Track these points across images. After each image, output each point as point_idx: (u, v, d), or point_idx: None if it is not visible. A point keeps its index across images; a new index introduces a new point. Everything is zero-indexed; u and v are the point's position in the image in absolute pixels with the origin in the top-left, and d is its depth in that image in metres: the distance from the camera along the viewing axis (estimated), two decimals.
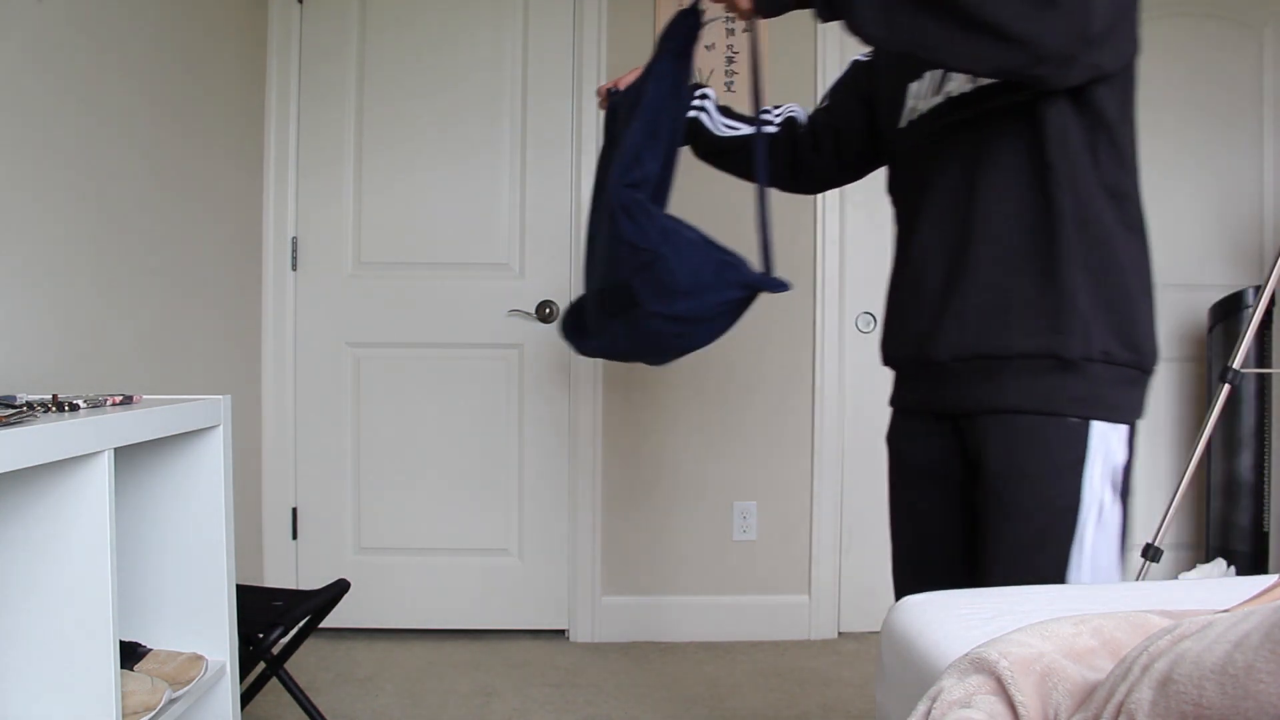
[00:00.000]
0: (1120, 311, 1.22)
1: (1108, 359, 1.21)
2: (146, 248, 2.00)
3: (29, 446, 0.98)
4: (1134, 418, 1.26)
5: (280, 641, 1.80)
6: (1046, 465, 1.24)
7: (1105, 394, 1.23)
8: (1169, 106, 2.96)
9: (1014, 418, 1.26)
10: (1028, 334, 1.22)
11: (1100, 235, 1.21)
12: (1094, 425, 1.22)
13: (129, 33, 1.90)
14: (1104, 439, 1.22)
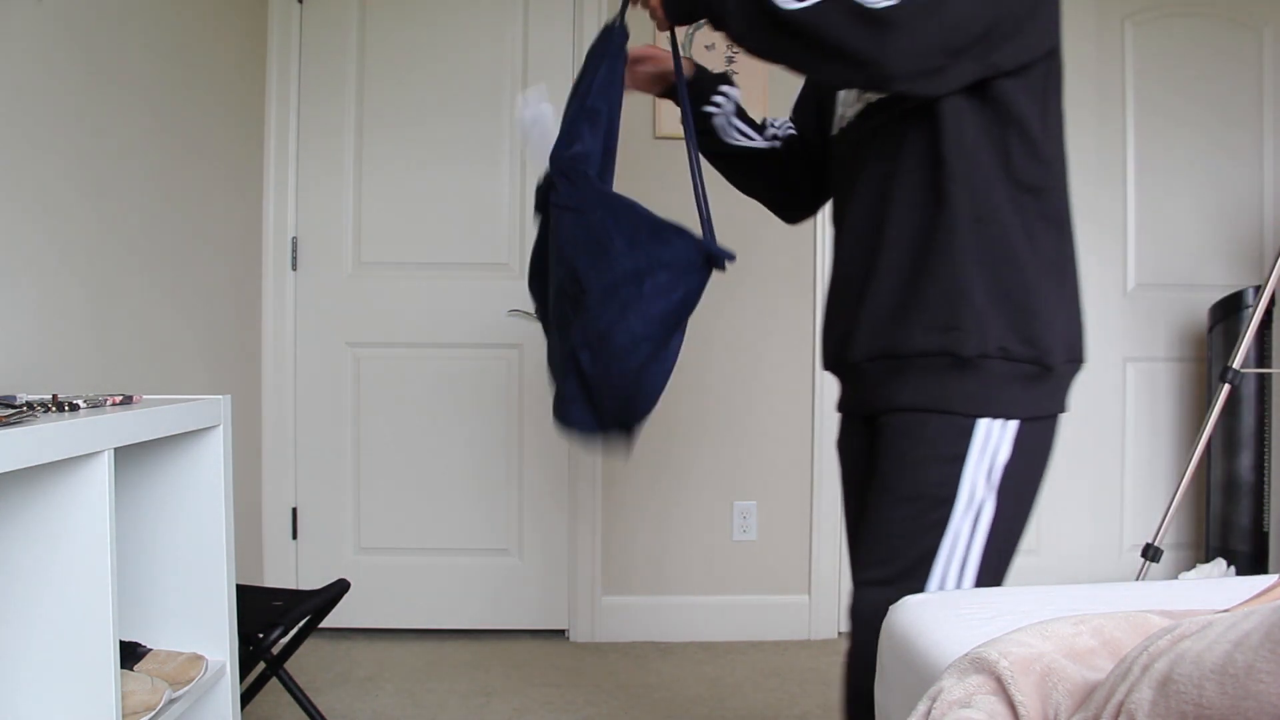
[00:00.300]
0: (1020, 307, 1.20)
1: (1004, 355, 1.20)
2: (146, 248, 2.00)
3: (29, 446, 0.98)
4: (1029, 414, 1.24)
5: (280, 641, 1.80)
6: (928, 456, 1.24)
7: (998, 391, 1.22)
8: (1169, 106, 2.97)
9: (909, 415, 1.26)
10: (926, 333, 1.22)
11: (999, 231, 1.20)
12: (979, 422, 1.22)
13: (128, 33, 1.90)
14: (988, 435, 1.22)
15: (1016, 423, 1.23)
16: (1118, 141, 2.97)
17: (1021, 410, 1.23)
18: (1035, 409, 1.25)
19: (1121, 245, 2.98)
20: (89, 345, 1.77)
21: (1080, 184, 3.19)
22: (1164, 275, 2.99)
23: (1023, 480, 1.26)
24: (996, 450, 1.22)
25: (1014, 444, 1.23)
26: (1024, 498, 1.28)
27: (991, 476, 1.23)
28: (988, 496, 1.23)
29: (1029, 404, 1.24)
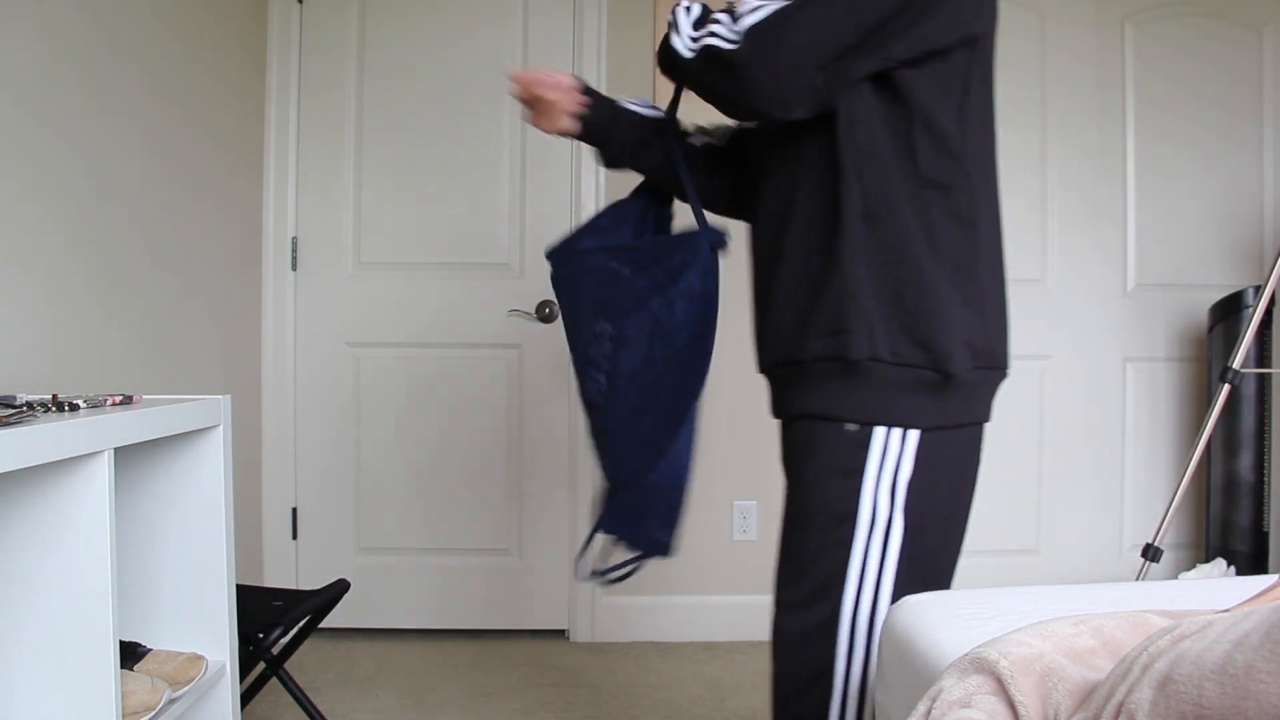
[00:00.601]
0: (914, 309, 1.14)
1: (896, 360, 1.14)
2: (147, 248, 2.00)
3: (29, 446, 0.98)
4: (927, 423, 1.17)
5: (280, 641, 1.80)
6: (824, 467, 1.19)
7: (891, 398, 1.16)
8: (1169, 106, 2.97)
9: (806, 423, 1.23)
10: (818, 337, 1.17)
11: (894, 229, 1.15)
12: (876, 431, 1.16)
13: (128, 33, 1.90)
14: (886, 447, 1.16)
15: (917, 433, 1.16)
16: (1118, 141, 2.97)
17: (920, 419, 1.16)
18: (939, 418, 1.18)
19: (1121, 245, 2.98)
20: (89, 345, 1.77)
21: (1080, 184, 3.20)
22: (1164, 275, 2.99)
23: (935, 495, 1.19)
24: (898, 463, 1.16)
25: (916, 457, 1.16)
26: (941, 514, 1.21)
27: (896, 492, 1.17)
28: (894, 514, 1.17)
29: (931, 413, 1.17)
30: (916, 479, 1.17)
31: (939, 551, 1.23)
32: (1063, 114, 2.93)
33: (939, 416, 1.18)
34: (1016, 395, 2.95)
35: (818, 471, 1.21)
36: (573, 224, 2.78)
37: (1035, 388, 2.95)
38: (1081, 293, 2.96)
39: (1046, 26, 2.93)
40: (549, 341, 2.79)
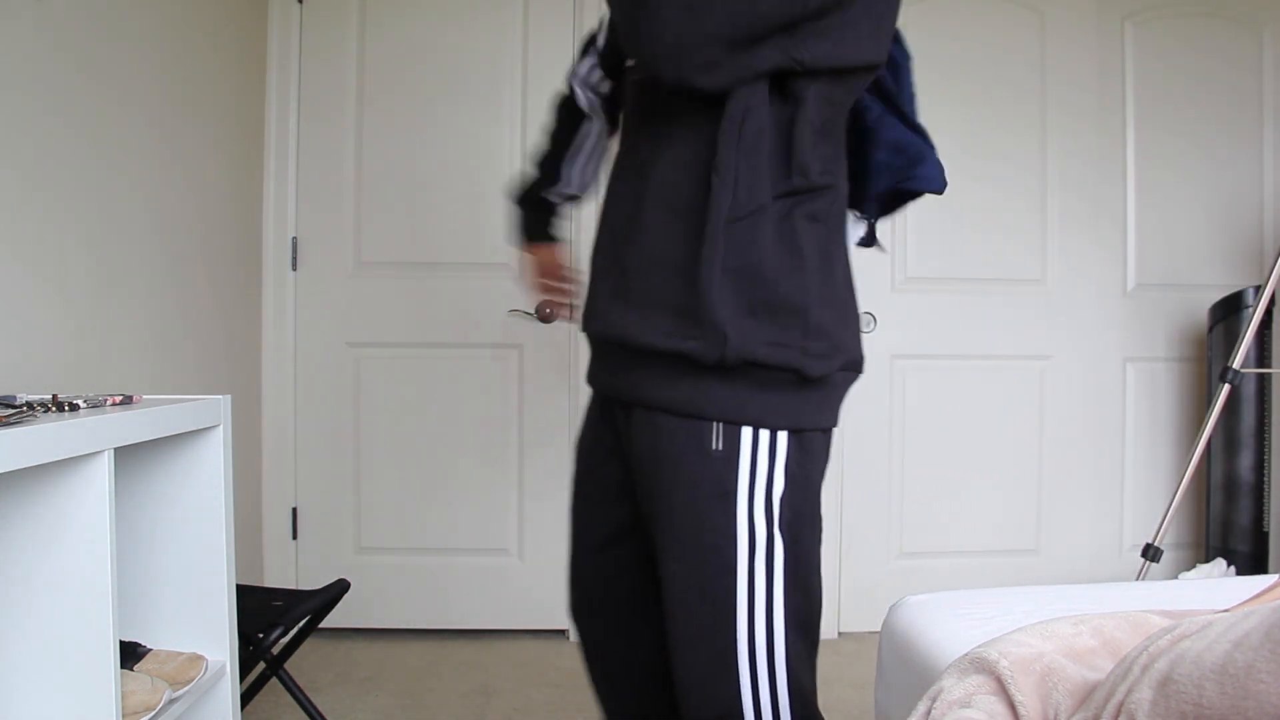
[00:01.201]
0: (777, 310, 1.10)
1: (759, 361, 1.09)
2: (146, 247, 2.00)
3: (29, 446, 0.98)
4: (793, 425, 1.13)
5: (280, 641, 1.80)
6: (693, 488, 1.13)
7: (755, 399, 1.11)
8: (1169, 106, 2.97)
9: (659, 418, 1.15)
10: (677, 328, 1.10)
11: (760, 228, 1.09)
12: (744, 430, 1.11)
13: (128, 33, 1.90)
14: (754, 450, 1.11)
15: (785, 435, 1.12)
16: (1118, 141, 2.97)
17: (787, 421, 1.12)
18: (803, 420, 1.14)
19: (1122, 245, 2.98)
20: (89, 345, 1.77)
21: (1080, 184, 3.19)
22: (1164, 275, 2.99)
23: (803, 500, 1.17)
24: (770, 468, 1.12)
25: (786, 459, 1.13)
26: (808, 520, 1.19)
27: (770, 508, 1.13)
28: (770, 531, 1.13)
29: (796, 414, 1.13)
30: (788, 483, 1.13)
31: (812, 560, 1.22)
32: (1063, 114, 2.93)
33: (803, 418, 1.14)
34: (1016, 395, 2.96)
35: (687, 491, 1.13)
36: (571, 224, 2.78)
37: (1035, 388, 2.96)
38: (1081, 293, 2.96)
39: (1046, 26, 2.93)
40: (549, 341, 2.79)
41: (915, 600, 1.42)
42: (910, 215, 2.91)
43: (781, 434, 1.12)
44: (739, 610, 1.12)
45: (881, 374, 2.91)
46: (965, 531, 2.94)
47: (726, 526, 1.11)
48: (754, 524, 1.12)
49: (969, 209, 2.90)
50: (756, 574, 1.13)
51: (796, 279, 1.11)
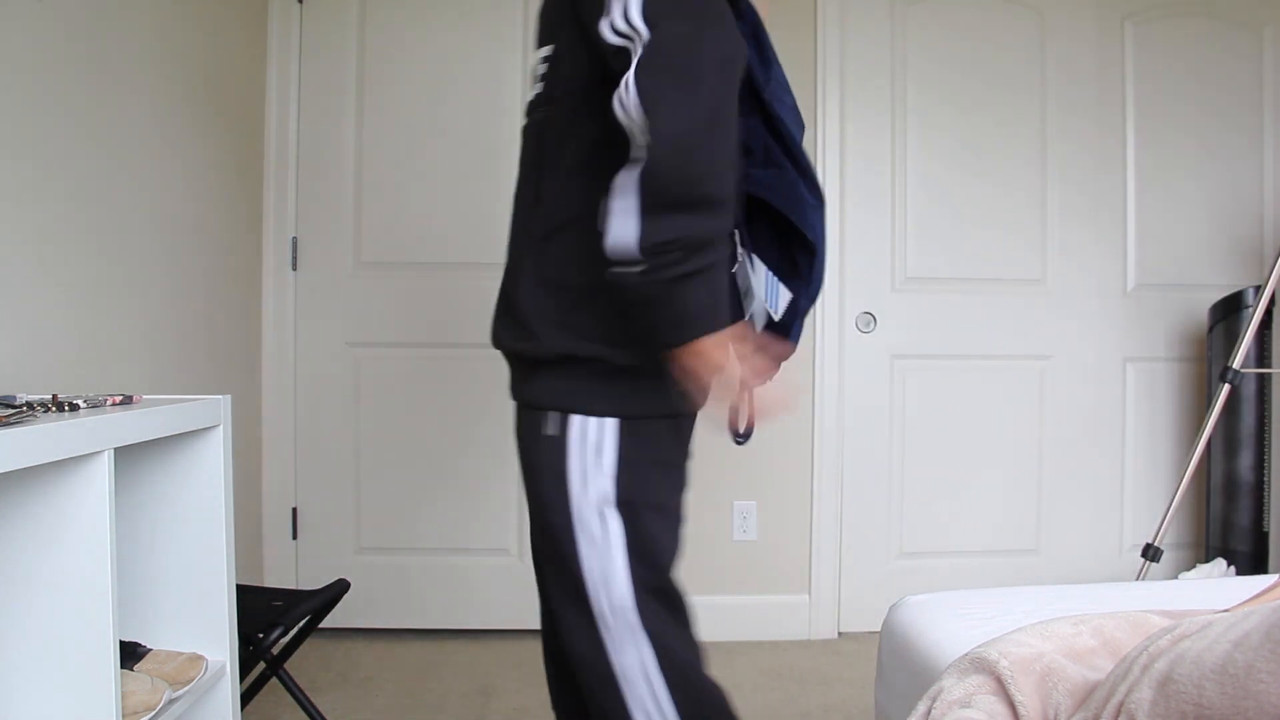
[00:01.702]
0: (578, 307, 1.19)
1: (588, 355, 1.19)
2: (147, 247, 2.00)
3: (29, 446, 0.98)
4: (616, 413, 1.21)
5: (280, 641, 1.80)
6: (540, 471, 1.24)
7: (587, 388, 1.21)
8: (1169, 106, 2.97)
9: (522, 412, 1.29)
10: (513, 337, 1.25)
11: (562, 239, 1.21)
12: (572, 419, 1.21)
13: (128, 32, 1.90)
14: (583, 437, 1.20)
15: (615, 422, 1.21)
16: (1118, 141, 2.97)
17: (611, 408, 1.21)
18: (633, 409, 1.22)
19: (1122, 245, 2.98)
20: (89, 345, 1.77)
21: (1080, 184, 3.19)
22: (1164, 275, 2.99)
23: (643, 482, 1.23)
24: (599, 453, 1.20)
25: (617, 445, 1.21)
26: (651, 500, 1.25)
27: (602, 490, 1.20)
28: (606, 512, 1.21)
29: (618, 401, 1.21)
30: (620, 465, 1.21)
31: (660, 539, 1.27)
32: (1063, 114, 2.93)
33: (629, 405, 1.21)
34: (1016, 395, 2.96)
35: (533, 476, 1.25)
36: None
37: (1035, 388, 2.96)
38: (1081, 293, 2.96)
39: (1046, 26, 2.93)
40: None
41: (915, 600, 1.42)
42: (910, 215, 2.91)
43: (609, 420, 1.21)
44: (588, 585, 1.21)
45: (881, 374, 2.91)
46: (965, 531, 2.94)
47: (564, 507, 1.21)
48: (584, 505, 1.20)
49: (969, 209, 2.90)
50: (596, 550, 1.21)
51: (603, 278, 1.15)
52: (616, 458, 1.21)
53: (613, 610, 1.21)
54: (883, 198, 2.91)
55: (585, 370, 1.21)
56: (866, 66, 2.89)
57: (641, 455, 1.23)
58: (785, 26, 2.85)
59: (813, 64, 2.84)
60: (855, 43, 2.88)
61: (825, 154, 2.84)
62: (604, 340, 1.19)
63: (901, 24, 2.90)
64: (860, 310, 2.90)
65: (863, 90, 2.88)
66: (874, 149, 2.89)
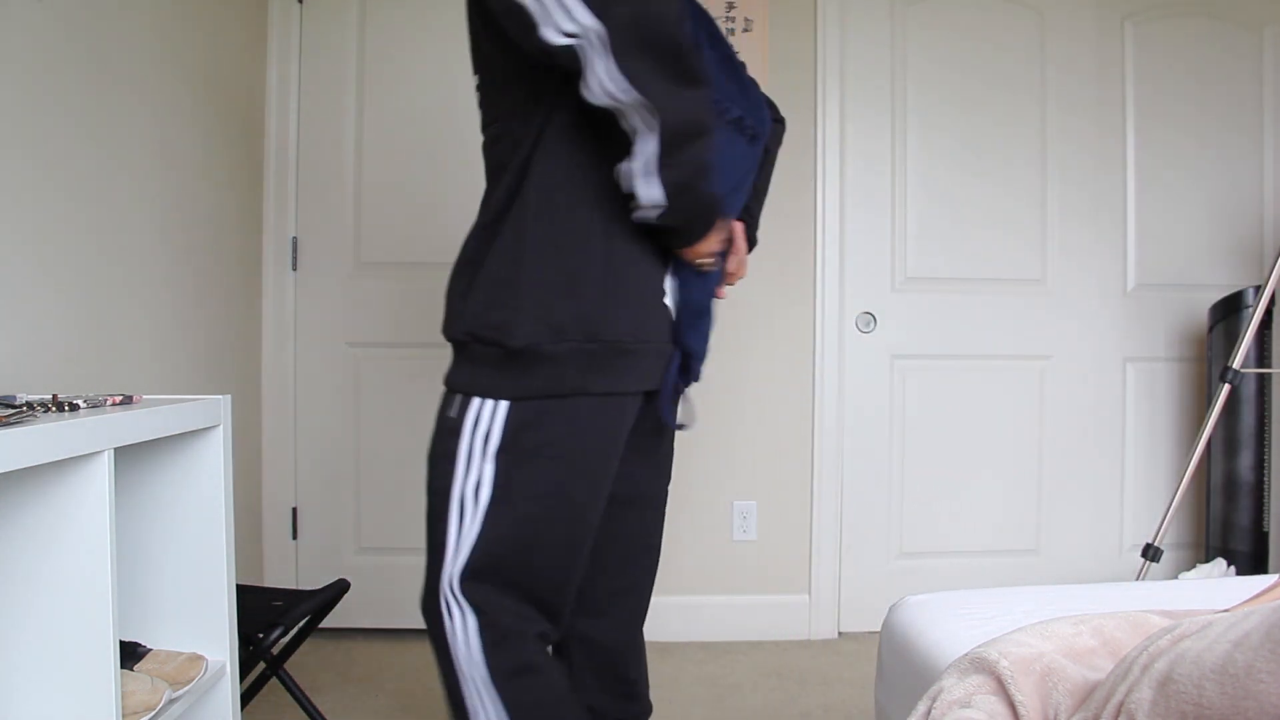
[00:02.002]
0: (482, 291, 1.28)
1: (477, 339, 1.28)
2: (147, 247, 2.00)
3: (29, 446, 0.98)
4: (508, 396, 1.27)
5: (280, 641, 1.80)
6: (435, 448, 1.33)
7: (480, 371, 1.29)
8: (1169, 107, 2.97)
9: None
10: (448, 321, 1.35)
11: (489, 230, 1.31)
12: (471, 402, 1.28)
13: (128, 32, 1.90)
14: (476, 418, 1.28)
15: (506, 404, 1.27)
16: (1118, 141, 2.97)
17: (505, 392, 1.27)
18: (521, 390, 1.27)
19: (1122, 245, 2.98)
20: (89, 345, 1.77)
21: (1080, 184, 3.19)
22: (1164, 275, 2.99)
23: (532, 464, 1.28)
24: (488, 433, 1.27)
25: (504, 426, 1.27)
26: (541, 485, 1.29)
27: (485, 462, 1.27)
28: (482, 484, 1.27)
29: (511, 385, 1.27)
30: (506, 447, 1.26)
31: (540, 523, 1.30)
32: (1063, 115, 2.93)
33: (521, 388, 1.27)
34: (1016, 395, 2.96)
35: (430, 450, 1.34)
36: None
37: (1035, 388, 2.96)
38: (1081, 292, 2.96)
39: (1046, 26, 2.93)
40: None
41: (915, 600, 1.42)
42: (910, 215, 2.91)
43: (502, 403, 1.27)
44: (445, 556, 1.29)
45: (881, 374, 2.91)
46: (965, 531, 2.94)
47: (446, 488, 1.29)
48: (459, 481, 1.28)
49: (969, 208, 2.91)
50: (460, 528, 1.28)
51: (507, 268, 1.27)
52: (501, 442, 1.26)
53: (448, 578, 1.29)
54: (883, 198, 2.91)
55: (485, 354, 1.28)
56: (866, 66, 2.89)
57: (528, 440, 1.27)
58: (785, 26, 2.85)
59: (813, 64, 2.84)
60: (855, 43, 2.88)
61: (825, 154, 2.84)
62: (499, 327, 1.26)
63: (901, 24, 2.90)
64: (860, 310, 2.90)
65: (863, 90, 2.88)
66: (874, 149, 2.89)
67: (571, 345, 1.26)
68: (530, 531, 1.30)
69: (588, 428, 1.30)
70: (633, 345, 1.31)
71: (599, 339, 1.27)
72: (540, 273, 1.26)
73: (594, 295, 1.27)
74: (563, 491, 1.31)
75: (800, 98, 2.85)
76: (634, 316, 1.31)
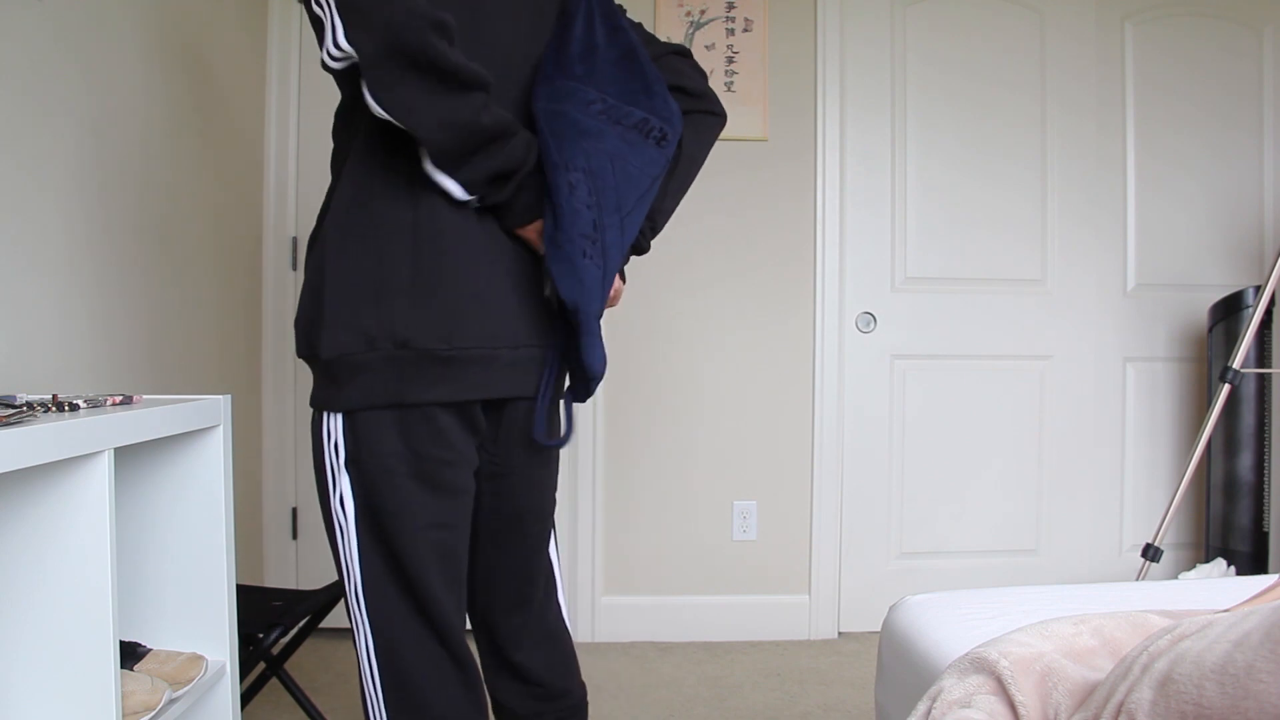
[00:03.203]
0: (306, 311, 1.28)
1: (303, 354, 1.30)
2: (147, 247, 2.00)
3: (29, 446, 0.98)
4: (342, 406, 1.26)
5: (280, 641, 1.80)
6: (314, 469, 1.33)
7: (316, 386, 1.30)
8: (1169, 106, 2.97)
9: None
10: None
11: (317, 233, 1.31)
12: (322, 417, 1.29)
13: (128, 32, 1.90)
14: (326, 432, 1.28)
15: (340, 416, 1.26)
16: (1118, 141, 2.97)
17: (335, 403, 1.26)
18: (348, 402, 1.25)
19: (1121, 245, 2.98)
20: (89, 345, 1.77)
21: (1081, 184, 3.19)
22: (1164, 275, 2.99)
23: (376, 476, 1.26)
24: (336, 445, 1.27)
25: (344, 437, 1.26)
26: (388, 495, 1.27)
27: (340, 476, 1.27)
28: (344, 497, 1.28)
29: (340, 398, 1.26)
30: (352, 459, 1.26)
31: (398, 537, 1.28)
32: (1063, 115, 2.93)
33: (344, 400, 1.26)
34: (1016, 395, 2.96)
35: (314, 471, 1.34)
36: None
37: (1035, 388, 2.96)
38: (1081, 293, 2.96)
39: (1046, 26, 2.93)
40: None
41: (915, 600, 1.42)
42: (910, 215, 2.91)
43: (336, 416, 1.26)
44: (340, 567, 1.32)
45: (881, 374, 2.91)
46: (965, 531, 2.94)
47: (325, 502, 1.30)
48: (330, 499, 1.29)
49: (969, 208, 2.91)
50: (340, 539, 1.30)
51: (315, 277, 1.27)
52: (346, 456, 1.26)
53: (350, 595, 1.31)
54: (883, 198, 2.91)
55: (316, 369, 1.29)
56: (866, 66, 2.89)
57: (362, 451, 1.26)
58: (785, 26, 2.85)
59: (813, 64, 2.84)
60: (855, 43, 2.88)
61: (825, 154, 2.84)
62: (308, 339, 1.26)
63: (901, 24, 2.90)
64: (860, 310, 2.90)
65: (863, 90, 2.88)
66: (874, 149, 2.89)
67: (383, 354, 1.22)
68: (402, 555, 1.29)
69: (411, 438, 1.25)
70: (447, 352, 1.23)
71: (409, 346, 1.22)
72: (346, 279, 1.23)
73: (402, 299, 1.22)
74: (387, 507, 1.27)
75: (800, 98, 2.85)
76: (449, 320, 1.23)
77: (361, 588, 1.29)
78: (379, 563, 1.28)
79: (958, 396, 2.93)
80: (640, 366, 2.80)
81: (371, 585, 1.29)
